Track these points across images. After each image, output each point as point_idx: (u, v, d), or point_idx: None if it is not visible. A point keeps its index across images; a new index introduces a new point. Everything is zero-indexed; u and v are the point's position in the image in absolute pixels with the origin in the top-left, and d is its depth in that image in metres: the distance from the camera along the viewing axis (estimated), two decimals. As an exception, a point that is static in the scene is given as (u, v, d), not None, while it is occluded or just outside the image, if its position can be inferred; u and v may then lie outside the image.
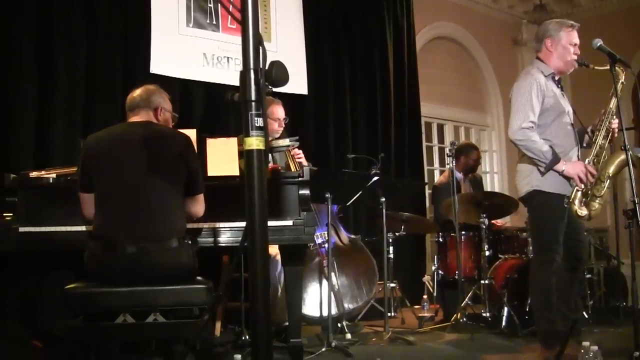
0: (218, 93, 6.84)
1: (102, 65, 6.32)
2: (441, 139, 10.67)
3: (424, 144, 9.90)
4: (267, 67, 1.99)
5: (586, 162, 4.74)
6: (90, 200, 3.80)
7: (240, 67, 1.93)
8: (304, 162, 5.93)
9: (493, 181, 11.42)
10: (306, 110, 7.95)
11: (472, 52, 11.11)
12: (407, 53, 9.22)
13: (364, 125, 8.61)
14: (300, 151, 5.95)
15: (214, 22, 6.99)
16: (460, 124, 11.08)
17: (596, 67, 4.81)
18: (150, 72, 6.47)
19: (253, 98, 1.98)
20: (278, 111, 5.96)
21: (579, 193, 4.68)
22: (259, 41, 1.97)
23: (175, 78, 6.64)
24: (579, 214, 4.68)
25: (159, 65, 6.54)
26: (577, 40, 4.93)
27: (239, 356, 3.94)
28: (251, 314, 1.99)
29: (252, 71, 1.97)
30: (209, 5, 7.01)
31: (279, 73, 1.99)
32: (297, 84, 7.74)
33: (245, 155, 1.97)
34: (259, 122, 1.97)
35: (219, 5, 6.94)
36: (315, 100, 8.04)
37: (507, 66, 11.17)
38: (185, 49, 6.72)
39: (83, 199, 3.84)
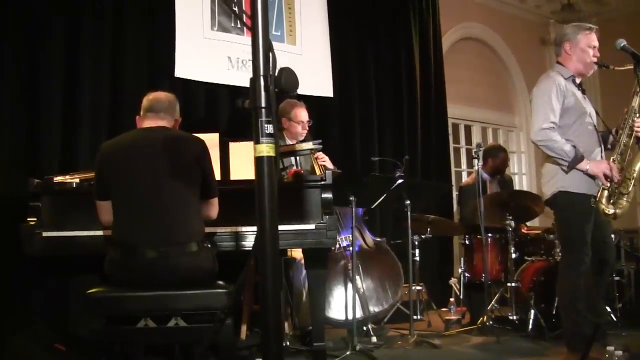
0: (241, 94, 6.82)
1: (128, 69, 6.34)
2: (469, 140, 10.60)
3: (451, 145, 9.84)
4: (276, 74, 1.97)
5: (610, 160, 4.71)
6: (107, 207, 3.81)
7: None
8: (329, 165, 5.93)
9: (521, 182, 11.34)
10: (332, 112, 7.93)
11: (499, 52, 11.05)
12: (434, 54, 9.17)
13: (390, 127, 8.57)
14: (325, 155, 5.95)
15: (239, 26, 6.98)
16: (487, 125, 11.02)
17: (617, 68, 4.79)
18: (175, 76, 6.49)
19: (263, 105, 1.97)
20: (301, 114, 5.95)
21: (606, 192, 4.66)
22: (269, 47, 1.96)
23: (199, 82, 6.65)
24: (607, 212, 4.65)
25: (183, 69, 6.54)
26: (595, 43, 4.94)
27: (260, 360, 3.94)
28: (262, 319, 1.99)
29: (261, 78, 1.96)
30: (234, 8, 7.02)
31: (288, 79, 1.98)
32: (323, 86, 7.73)
33: (255, 162, 1.97)
34: (269, 129, 1.96)
35: (239, 8, 6.96)
36: (341, 103, 8.01)
37: (534, 66, 11.07)
38: (210, 53, 6.72)
39: (100, 206, 3.87)
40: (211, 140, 4.37)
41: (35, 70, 5.79)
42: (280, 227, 4.28)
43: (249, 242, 4.39)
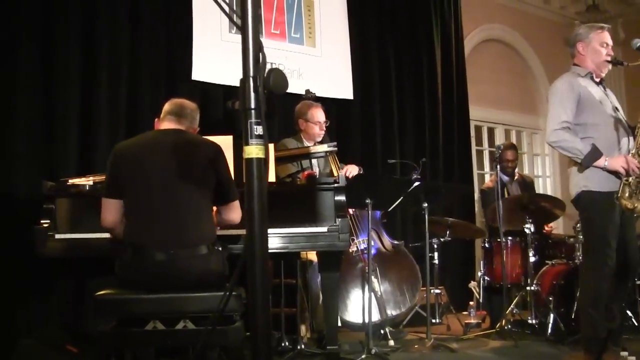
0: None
1: (145, 72, 6.36)
2: (492, 143, 10.49)
3: (474, 147, 9.80)
4: (265, 75, 1.95)
5: (630, 154, 4.66)
6: (113, 205, 3.81)
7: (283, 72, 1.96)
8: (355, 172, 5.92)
9: (545, 185, 11.26)
10: (352, 115, 7.91)
11: (523, 54, 10.98)
12: (455, 55, 9.12)
13: (411, 129, 8.53)
14: (353, 167, 5.95)
15: (257, 28, 6.97)
16: (511, 127, 10.94)
17: (631, 64, 4.78)
18: (192, 79, 6.50)
19: (252, 106, 1.95)
20: (318, 114, 5.92)
21: (627, 187, 4.59)
22: (259, 48, 1.94)
23: (217, 84, 6.65)
24: (628, 207, 4.59)
25: (201, 72, 6.56)
26: (608, 41, 4.94)
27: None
28: (250, 323, 1.97)
29: (251, 79, 1.94)
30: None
31: (277, 80, 1.96)
32: (343, 88, 7.72)
33: (245, 164, 1.95)
34: (259, 130, 1.94)
35: (261, 10, 6.95)
36: (362, 105, 7.99)
37: (559, 68, 10.85)
38: (228, 56, 6.72)
39: (106, 203, 3.84)
40: (225, 142, 4.36)
41: (52, 74, 5.83)
42: (293, 230, 4.38)
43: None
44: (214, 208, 3.95)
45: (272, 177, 4.67)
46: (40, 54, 5.78)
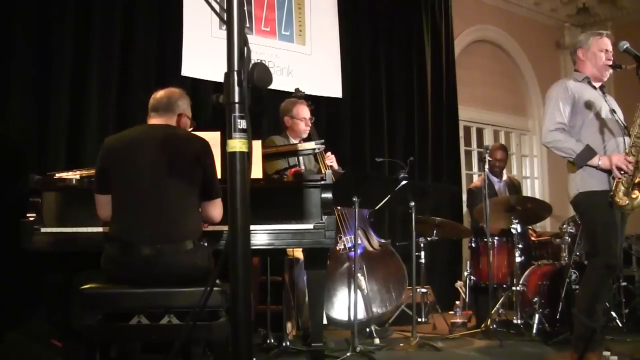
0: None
1: (136, 68, 6.37)
2: (480, 143, 10.50)
3: (463, 148, 9.83)
4: (249, 69, 1.96)
5: (624, 152, 4.70)
6: (106, 201, 3.81)
7: (273, 69, 1.94)
8: (335, 167, 5.93)
9: (534, 186, 11.30)
10: (342, 113, 7.94)
11: (513, 55, 11.01)
12: (445, 56, 9.16)
13: (400, 129, 8.57)
14: (333, 156, 5.95)
15: (247, 25, 6.97)
16: (500, 128, 10.98)
17: (629, 67, 4.82)
18: (182, 74, 6.50)
19: (236, 100, 1.96)
20: (303, 111, 5.96)
21: (620, 185, 4.62)
22: (244, 42, 1.95)
23: (207, 80, 6.65)
24: (621, 204, 4.61)
25: (191, 67, 6.57)
26: (608, 47, 5.02)
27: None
28: (231, 320, 1.97)
29: (235, 73, 1.95)
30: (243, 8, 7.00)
31: (261, 74, 1.97)
32: (332, 87, 7.74)
33: (228, 158, 1.95)
34: (242, 124, 1.94)
35: (252, 7, 6.98)
36: (351, 103, 8.02)
37: (549, 70, 11.02)
38: (218, 52, 6.70)
39: (98, 200, 3.86)
40: (213, 138, 4.35)
41: (44, 68, 5.83)
42: (279, 227, 4.38)
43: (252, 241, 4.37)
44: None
45: (259, 174, 4.67)
46: (31, 47, 5.77)
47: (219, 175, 4.06)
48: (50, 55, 5.87)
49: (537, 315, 6.16)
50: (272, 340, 5.49)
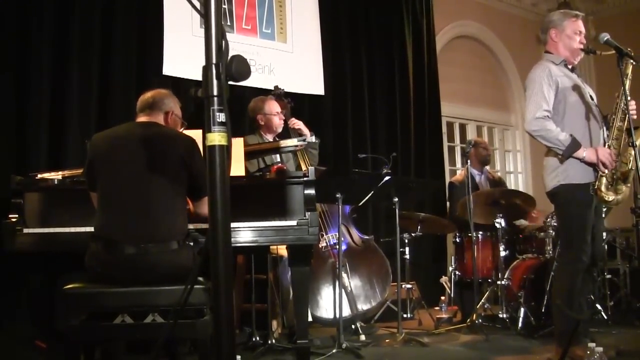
0: (233, 93, 6.81)
1: (117, 67, 6.34)
2: (463, 139, 10.51)
3: (446, 143, 9.84)
4: (227, 62, 1.94)
5: (606, 146, 4.64)
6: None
7: (254, 68, 1.92)
8: (304, 130, 6.00)
9: (517, 181, 11.33)
10: (324, 110, 7.94)
11: (495, 51, 11.04)
12: (427, 52, 9.18)
13: (382, 125, 8.58)
14: (300, 121, 6.10)
15: (228, 24, 6.97)
16: (483, 123, 11.00)
17: (603, 53, 4.70)
18: (164, 74, 6.48)
19: (215, 93, 1.95)
20: (274, 106, 5.99)
21: (604, 179, 4.57)
22: (222, 35, 1.93)
23: (188, 79, 6.62)
24: (607, 199, 4.56)
25: (172, 67, 6.55)
26: (582, 29, 4.89)
27: (238, 357, 3.92)
28: (214, 314, 1.96)
29: (213, 66, 1.94)
30: (223, 6, 6.99)
31: (239, 67, 1.96)
32: (314, 84, 7.73)
33: (207, 151, 1.94)
34: (221, 117, 1.93)
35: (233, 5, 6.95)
36: (333, 100, 8.02)
37: (530, 65, 10.67)
38: (199, 51, 6.65)
39: (92, 197, 3.85)
40: (195, 136, 4.33)
41: (23, 68, 5.79)
42: (262, 224, 4.36)
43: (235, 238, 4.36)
44: (189, 202, 3.93)
45: (241, 172, 4.66)
46: (10, 46, 5.74)
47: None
48: (29, 55, 5.83)
49: (522, 309, 6.18)
50: (258, 339, 5.47)
